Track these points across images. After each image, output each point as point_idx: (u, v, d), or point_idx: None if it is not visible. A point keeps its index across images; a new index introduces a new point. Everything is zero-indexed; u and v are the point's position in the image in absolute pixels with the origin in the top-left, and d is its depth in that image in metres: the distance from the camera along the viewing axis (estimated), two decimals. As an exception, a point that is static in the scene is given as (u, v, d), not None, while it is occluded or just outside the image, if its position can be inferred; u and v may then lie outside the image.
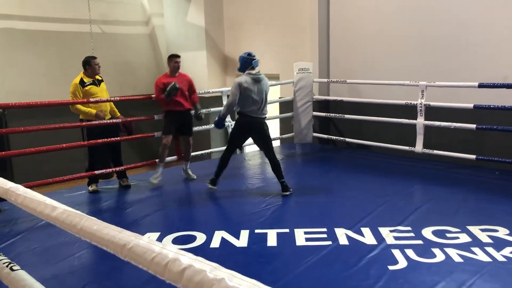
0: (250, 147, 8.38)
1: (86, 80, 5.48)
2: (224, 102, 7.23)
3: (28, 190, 1.83)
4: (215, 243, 3.91)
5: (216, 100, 9.65)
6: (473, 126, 5.86)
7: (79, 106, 5.40)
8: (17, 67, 9.29)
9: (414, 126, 6.46)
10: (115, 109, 5.82)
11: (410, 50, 7.10)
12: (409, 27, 7.09)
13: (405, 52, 7.17)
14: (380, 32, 7.52)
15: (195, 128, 6.72)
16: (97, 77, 5.61)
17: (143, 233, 4.17)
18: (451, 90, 6.35)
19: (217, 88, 9.80)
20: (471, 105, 5.85)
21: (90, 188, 5.66)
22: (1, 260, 2.30)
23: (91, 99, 5.42)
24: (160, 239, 4.03)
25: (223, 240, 3.97)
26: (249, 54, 5.22)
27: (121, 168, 5.80)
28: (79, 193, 5.64)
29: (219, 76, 10.63)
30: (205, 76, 10.40)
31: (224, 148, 5.74)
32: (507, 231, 3.99)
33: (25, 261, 3.69)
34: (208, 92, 7.80)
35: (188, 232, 4.19)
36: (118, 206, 5.19)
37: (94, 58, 5.55)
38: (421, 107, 6.28)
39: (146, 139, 6.24)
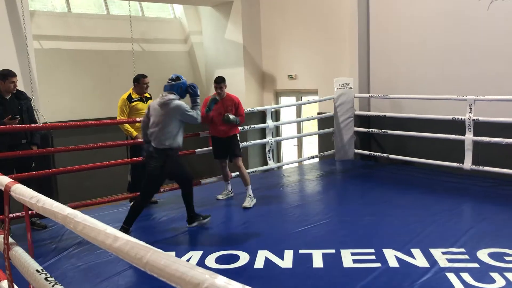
0: (289, 164, 8.27)
1: (134, 96, 5.67)
2: (268, 121, 7.16)
3: (87, 217, 1.79)
4: (259, 263, 3.81)
5: (255, 115, 9.65)
6: (503, 140, 5.56)
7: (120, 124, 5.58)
8: (61, 86, 9.60)
9: (460, 142, 6.20)
10: None
11: (455, 62, 6.87)
12: (454, 36, 6.87)
13: (451, 64, 6.94)
14: (423, 43, 7.33)
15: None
16: (146, 94, 5.80)
17: (185, 252, 4.13)
18: (501, 104, 6.07)
19: (254, 104, 9.81)
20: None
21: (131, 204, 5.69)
22: (47, 279, 2.28)
23: (138, 119, 5.49)
24: (203, 258, 3.97)
25: (267, 260, 3.86)
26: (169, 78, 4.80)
27: (162, 189, 5.80)
28: (121, 210, 5.67)
29: (256, 92, 10.64)
30: (243, 92, 10.41)
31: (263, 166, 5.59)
32: None
33: (71, 278, 3.70)
34: (253, 110, 7.78)
35: (231, 251, 4.11)
36: (159, 223, 5.18)
37: (145, 76, 5.75)
38: (470, 122, 6.03)
39: (188, 156, 6.24)
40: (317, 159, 8.39)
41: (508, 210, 5.01)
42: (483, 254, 3.79)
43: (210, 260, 3.92)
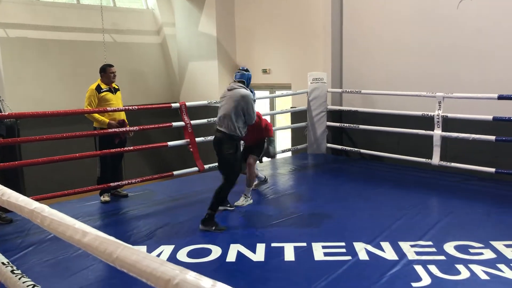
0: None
1: (103, 86, 5.55)
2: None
3: (55, 211, 1.74)
4: (231, 257, 3.81)
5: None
6: (493, 138, 5.73)
7: (91, 113, 5.46)
8: (29, 76, 9.32)
9: (429, 137, 6.34)
10: (125, 119, 5.78)
11: (426, 60, 7.01)
12: (425, 35, 7.01)
13: (421, 62, 7.08)
14: (395, 40, 7.44)
15: (209, 138, 6.68)
16: (114, 85, 5.69)
17: (157, 246, 4.10)
18: (469, 101, 6.23)
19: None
20: (490, 117, 5.73)
21: (102, 198, 5.62)
22: (13, 272, 2.21)
23: (108, 108, 5.43)
24: (174, 252, 3.95)
25: (239, 254, 3.87)
26: (238, 68, 4.96)
27: (134, 180, 5.73)
28: (91, 203, 5.58)
29: (230, 85, 10.58)
30: (216, 86, 10.36)
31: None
32: (533, 247, 3.86)
33: (38, 273, 3.61)
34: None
35: (203, 245, 4.09)
36: (130, 217, 5.11)
37: (111, 66, 5.64)
38: (438, 118, 6.17)
39: (160, 149, 6.17)
40: (289, 153, 8.44)
41: (474, 204, 5.16)
42: (449, 247, 3.90)
43: (182, 254, 3.90)
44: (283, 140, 9.88)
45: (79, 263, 3.77)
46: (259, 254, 3.85)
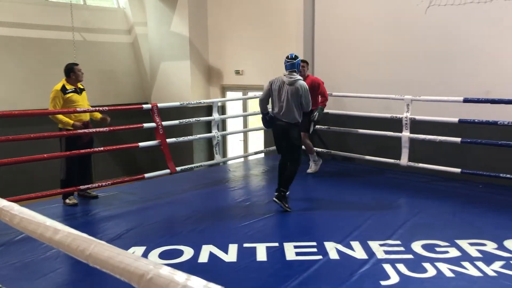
0: (235, 158, 8.31)
1: (68, 87, 5.34)
2: (215, 114, 7.15)
3: (25, 209, 1.70)
4: (203, 258, 3.81)
5: (200, 110, 9.59)
6: (458, 139, 5.91)
7: (57, 114, 5.27)
8: (-6, 74, 9.05)
9: (398, 139, 6.49)
10: (96, 115, 5.67)
11: (395, 64, 7.17)
12: (395, 41, 7.18)
13: (391, 66, 7.24)
14: (365, 46, 7.59)
15: (181, 139, 6.65)
16: (79, 85, 5.49)
17: (128, 248, 4.04)
18: (436, 104, 6.41)
19: (200, 99, 9.74)
20: (456, 119, 5.91)
21: (68, 201, 5.43)
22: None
23: (78, 109, 5.30)
24: (146, 253, 3.91)
25: (212, 254, 3.87)
26: (286, 57, 5.12)
27: (105, 182, 5.64)
28: (57, 206, 5.44)
29: (203, 86, 10.56)
30: (189, 86, 10.31)
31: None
32: (495, 245, 4.00)
33: (4, 277, 3.52)
34: (199, 103, 7.70)
35: (175, 246, 4.07)
36: (100, 219, 5.03)
37: (77, 64, 5.46)
38: (407, 120, 6.32)
39: (131, 150, 6.10)
40: (262, 154, 8.47)
41: (440, 204, 5.31)
42: (417, 246, 4.00)
43: (154, 256, 3.87)
44: (256, 142, 9.91)
45: (47, 266, 3.69)
46: (231, 255, 3.86)
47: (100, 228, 4.72)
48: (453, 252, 3.86)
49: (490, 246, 3.98)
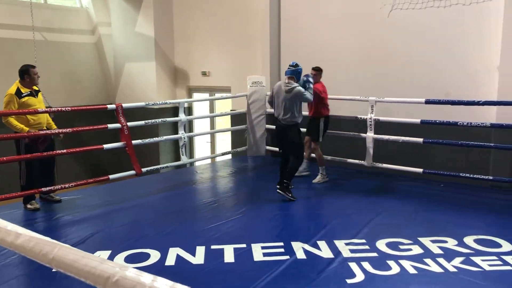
0: (202, 160, 8.27)
1: (23, 90, 5.02)
2: (181, 114, 7.07)
3: (-18, 213, 1.64)
4: (170, 260, 3.77)
5: (166, 111, 9.50)
6: (420, 140, 6.08)
7: (11, 119, 4.91)
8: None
9: (363, 140, 6.61)
10: (51, 122, 5.47)
11: (360, 66, 7.32)
12: (360, 43, 7.32)
13: (356, 68, 7.38)
14: (330, 48, 7.70)
15: (147, 140, 6.57)
16: (34, 87, 5.19)
17: (92, 252, 3.93)
18: (399, 105, 6.56)
19: (166, 100, 9.64)
20: (418, 120, 6.07)
21: (30, 206, 5.22)
22: None
23: (39, 109, 5.09)
24: (111, 257, 3.83)
25: (179, 257, 3.84)
26: (289, 64, 5.66)
27: (68, 185, 5.50)
28: (17, 211, 5.24)
29: (168, 87, 10.46)
30: (154, 87, 10.19)
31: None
32: (456, 242, 4.14)
33: (-40, 285, 3.38)
34: (166, 103, 7.61)
35: (141, 250, 4.01)
36: (63, 223, 4.90)
37: (33, 67, 5.14)
38: (371, 121, 6.45)
39: (95, 152, 5.96)
40: (229, 156, 8.46)
41: (403, 203, 5.44)
42: (381, 244, 4.09)
43: (119, 259, 3.80)
44: (223, 143, 9.90)
45: (7, 273, 3.56)
46: (198, 257, 3.83)
47: (64, 233, 4.60)
48: (416, 250, 3.97)
49: (451, 243, 4.12)
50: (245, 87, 7.94)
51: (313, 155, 6.58)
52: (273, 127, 7.99)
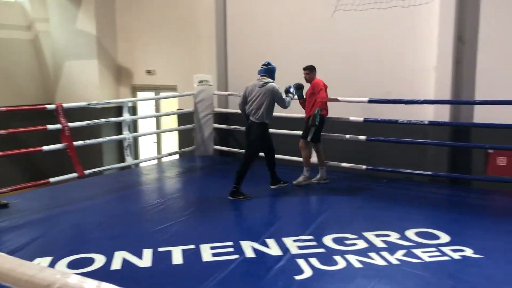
0: (148, 160, 8.10)
1: None
2: (125, 114, 6.87)
3: None
4: (116, 264, 3.66)
5: (109, 111, 9.21)
6: (363, 137, 6.27)
7: None
8: None
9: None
10: None
11: (306, 63, 7.41)
12: (305, 44, 7.45)
13: (300, 68, 7.47)
14: (276, 47, 7.78)
15: (89, 141, 6.34)
16: None
17: (31, 259, 3.76)
18: (344, 104, 6.71)
19: (109, 99, 9.36)
20: (361, 119, 6.25)
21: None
22: None
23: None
24: (52, 264, 3.66)
25: (125, 261, 3.73)
26: (262, 64, 5.68)
27: (4, 189, 5.20)
28: None
29: (112, 86, 10.15)
30: (96, 86, 9.86)
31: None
32: (398, 235, 4.30)
33: None
34: (109, 103, 7.38)
35: (85, 255, 3.86)
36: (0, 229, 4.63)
37: None
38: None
39: (34, 155, 5.68)
40: (177, 156, 8.35)
41: (349, 199, 5.59)
42: (328, 240, 4.18)
43: (61, 266, 3.63)
44: (170, 143, 9.74)
45: None
46: (146, 260, 3.75)
47: (0, 241, 4.34)
48: (361, 244, 4.08)
49: (394, 237, 4.27)
50: (192, 86, 7.86)
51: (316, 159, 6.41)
52: (221, 126, 8.01)
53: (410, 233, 4.35)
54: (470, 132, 6.28)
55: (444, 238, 4.24)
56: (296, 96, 6.07)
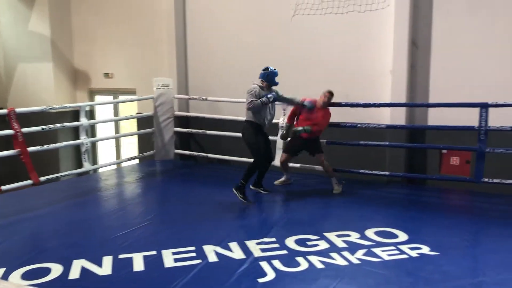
0: (106, 166, 7.92)
1: None
2: (82, 118, 6.69)
3: None
4: (75, 273, 3.54)
5: (64, 115, 8.95)
6: (324, 141, 6.36)
7: None
8: None
9: (273, 141, 6.75)
10: None
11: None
12: (265, 47, 7.49)
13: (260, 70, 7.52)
14: (236, 50, 7.80)
15: (44, 147, 6.13)
16: None
17: (-17, 271, 3.59)
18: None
19: (66, 103, 9.10)
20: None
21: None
22: None
23: None
24: (6, 275, 3.51)
25: (84, 269, 3.62)
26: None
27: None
28: None
29: (68, 90, 9.86)
30: (52, 90, 9.54)
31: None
32: (358, 235, 4.39)
33: None
34: (65, 107, 7.16)
35: (41, 265, 3.72)
36: None
37: None
38: (283, 124, 6.57)
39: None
40: (136, 161, 8.20)
41: (311, 200, 5.66)
42: (290, 241, 4.21)
43: (15, 277, 3.49)
44: (129, 147, 9.56)
45: None
46: (105, 268, 3.65)
47: None
48: (323, 245, 4.14)
49: (354, 236, 4.36)
50: (152, 90, 7.75)
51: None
52: (182, 130, 7.94)
53: (370, 233, 4.45)
54: (425, 133, 6.51)
55: (402, 236, 4.37)
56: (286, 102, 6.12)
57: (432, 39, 6.35)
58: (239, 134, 7.09)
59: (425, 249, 4.04)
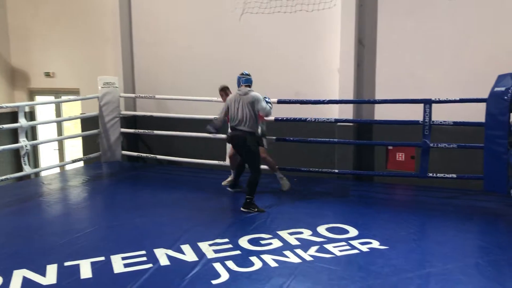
0: (49, 169, 7.55)
1: None
2: (21, 119, 6.33)
3: None
4: (15, 285, 3.33)
5: (3, 117, 8.46)
6: (273, 137, 6.37)
7: None
8: None
9: (221, 140, 6.69)
10: None
11: (214, 67, 7.41)
12: (213, 46, 7.43)
13: (210, 69, 7.45)
14: (184, 49, 7.69)
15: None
16: None
17: None
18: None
19: (2, 104, 8.61)
20: (272, 118, 6.35)
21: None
22: None
23: None
24: None
25: (25, 279, 3.40)
26: (241, 73, 5.39)
27: None
28: None
29: (5, 90, 9.34)
30: (-13, 90, 9.00)
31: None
32: (310, 232, 4.43)
33: None
34: (2, 107, 6.72)
35: (-23, 277, 3.47)
36: None
37: None
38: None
39: None
40: (81, 163, 7.87)
41: (260, 199, 5.59)
42: (243, 241, 4.18)
43: None
44: (73, 149, 9.17)
45: None
46: (50, 277, 3.45)
47: None
48: (276, 243, 4.14)
49: (306, 234, 4.39)
50: (96, 89, 7.46)
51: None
52: (129, 130, 7.70)
53: (322, 229, 4.50)
54: (372, 130, 6.68)
55: (353, 232, 4.45)
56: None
57: (378, 38, 6.53)
58: (191, 134, 7.02)
59: (375, 244, 4.13)
